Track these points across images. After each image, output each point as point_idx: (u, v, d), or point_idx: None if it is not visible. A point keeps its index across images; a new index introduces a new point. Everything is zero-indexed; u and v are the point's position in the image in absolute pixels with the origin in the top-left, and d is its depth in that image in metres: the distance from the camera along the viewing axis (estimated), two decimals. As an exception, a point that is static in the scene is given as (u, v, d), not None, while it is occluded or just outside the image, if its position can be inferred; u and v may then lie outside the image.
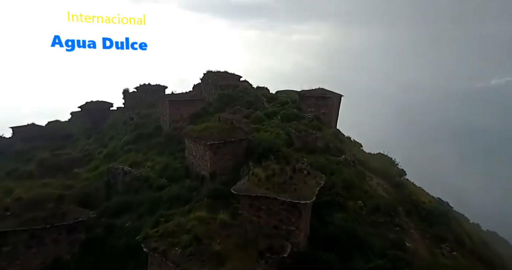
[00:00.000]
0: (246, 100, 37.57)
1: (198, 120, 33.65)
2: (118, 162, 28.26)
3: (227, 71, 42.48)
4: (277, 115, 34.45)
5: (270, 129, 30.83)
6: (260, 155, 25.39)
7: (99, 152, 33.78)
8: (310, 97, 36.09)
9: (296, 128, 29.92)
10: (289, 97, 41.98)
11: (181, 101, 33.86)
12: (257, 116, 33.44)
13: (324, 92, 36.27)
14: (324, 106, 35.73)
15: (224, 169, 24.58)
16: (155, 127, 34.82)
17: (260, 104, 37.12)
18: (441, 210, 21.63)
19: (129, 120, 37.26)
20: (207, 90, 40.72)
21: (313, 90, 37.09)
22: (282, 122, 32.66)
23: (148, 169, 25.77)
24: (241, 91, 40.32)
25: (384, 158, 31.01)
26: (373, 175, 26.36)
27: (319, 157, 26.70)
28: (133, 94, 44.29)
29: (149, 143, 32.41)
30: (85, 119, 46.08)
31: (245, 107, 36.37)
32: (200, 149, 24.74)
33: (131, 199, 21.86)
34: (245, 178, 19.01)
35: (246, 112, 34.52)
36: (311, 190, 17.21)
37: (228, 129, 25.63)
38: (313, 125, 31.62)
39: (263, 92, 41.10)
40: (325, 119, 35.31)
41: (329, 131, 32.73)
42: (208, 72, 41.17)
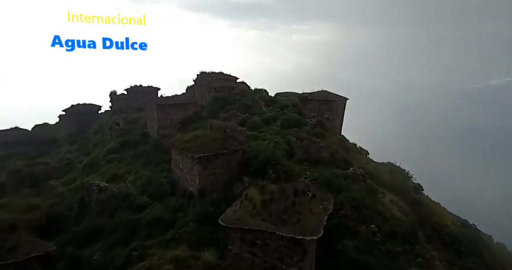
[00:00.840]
0: (243, 104, 34.12)
1: (189, 127, 30.23)
2: (97, 174, 24.86)
3: (222, 72, 39.02)
4: (276, 121, 31.01)
5: (268, 137, 27.39)
6: (257, 168, 22.01)
7: (79, 161, 30.32)
8: (312, 100, 32.63)
9: (298, 136, 26.48)
10: (289, 100, 38.53)
11: (170, 105, 30.40)
12: (254, 122, 30.01)
13: (328, 95, 32.82)
14: (327, 110, 32.26)
15: (215, 185, 21.18)
16: (142, 134, 31.38)
17: (257, 109, 33.67)
18: (470, 236, 18.19)
19: (114, 126, 33.83)
20: (200, 93, 37.27)
21: (315, 93, 33.64)
22: (281, 129, 29.22)
23: (129, 184, 22.31)
24: (238, 94, 36.86)
25: (395, 169, 27.56)
26: (385, 190, 22.92)
27: (324, 169, 23.27)
28: (121, 97, 40.78)
29: (134, 151, 28.98)
30: (70, 123, 42.60)
31: (241, 112, 32.96)
32: (188, 162, 21.31)
33: (105, 223, 18.43)
34: (237, 202, 15.58)
35: (242, 117, 31.10)
36: (317, 220, 13.79)
37: (220, 139, 22.19)
38: (316, 132, 28.17)
39: (261, 95, 37.65)
40: (329, 125, 31.86)
41: (334, 139, 29.29)
42: (201, 73, 37.71)
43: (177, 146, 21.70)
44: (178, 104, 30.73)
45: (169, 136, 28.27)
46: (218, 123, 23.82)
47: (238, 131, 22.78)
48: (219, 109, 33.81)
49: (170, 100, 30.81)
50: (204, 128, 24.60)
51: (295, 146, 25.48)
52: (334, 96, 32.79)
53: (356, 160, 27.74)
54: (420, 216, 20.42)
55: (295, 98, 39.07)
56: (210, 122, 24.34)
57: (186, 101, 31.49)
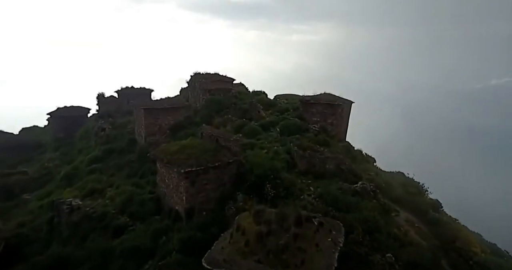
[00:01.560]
0: (239, 107, 31.25)
1: (180, 133, 27.34)
2: (75, 188, 21.99)
3: (218, 73, 36.12)
4: (275, 127, 28.14)
5: (267, 145, 24.53)
6: (253, 183, 19.10)
7: (59, 171, 27.40)
8: (315, 104, 29.72)
9: (299, 145, 23.60)
10: (290, 103, 35.67)
11: (159, 109, 27.50)
12: (251, 128, 27.13)
13: (332, 99, 29.92)
14: (332, 115, 29.36)
15: (204, 203, 18.31)
16: (129, 141, 28.47)
17: (255, 113, 30.78)
18: (504, 267, 15.27)
19: (99, 132, 30.93)
20: (194, 96, 34.39)
21: (318, 96, 30.77)
22: (281, 136, 26.35)
23: (107, 201, 19.39)
24: (234, 97, 33.99)
25: (408, 181, 24.64)
26: (399, 207, 20.03)
27: (329, 183, 20.41)
28: (109, 100, 37.81)
29: (119, 160, 26.10)
30: (56, 127, 39.62)
31: (237, 117, 30.09)
32: (174, 177, 18.42)
33: (72, 251, 15.50)
34: (226, 234, 12.69)
35: (239, 123, 28.22)
36: (326, 261, 10.90)
37: (211, 149, 19.29)
38: (320, 140, 25.27)
39: (259, 98, 34.76)
40: (333, 131, 28.98)
41: (339, 147, 26.39)
42: (195, 74, 34.82)
43: (161, 159, 18.79)
44: (168, 108, 27.83)
45: (158, 143, 25.36)
46: (210, 131, 20.91)
47: (232, 141, 19.87)
48: (214, 114, 30.95)
49: (159, 104, 27.90)
50: (194, 137, 21.68)
51: (297, 155, 22.61)
52: (338, 100, 29.91)
53: (364, 171, 24.86)
54: (442, 239, 17.53)
55: (296, 101, 36.20)
56: (201, 130, 21.44)
57: (176, 105, 28.58)
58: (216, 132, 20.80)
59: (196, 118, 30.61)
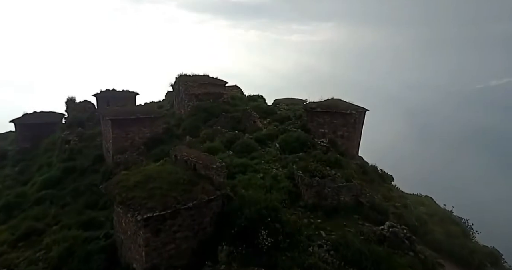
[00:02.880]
0: (231, 116, 25.80)
1: (157, 149, 21.90)
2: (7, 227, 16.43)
3: (207, 75, 30.67)
4: (274, 141, 22.74)
5: (263, 167, 19.12)
6: (243, 228, 13.63)
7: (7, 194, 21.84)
8: (322, 113, 24.31)
9: (305, 168, 18.19)
10: (292, 110, 30.29)
11: (131, 120, 22.03)
12: (244, 143, 21.68)
13: (343, 106, 24.48)
14: (343, 126, 23.97)
15: (175, 258, 12.87)
16: (96, 157, 22.99)
17: (250, 123, 25.34)
18: None
19: (63, 145, 25.43)
20: (178, 102, 28.94)
21: (326, 103, 25.33)
22: (281, 154, 20.94)
23: (39, 253, 13.84)
24: (226, 103, 28.57)
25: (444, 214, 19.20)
26: (441, 258, 14.58)
27: (346, 223, 15.02)
28: (81, 105, 32.20)
29: (79, 183, 20.62)
30: (20, 137, 33.99)
31: (228, 127, 24.67)
32: (131, 222, 12.96)
33: None
34: None
35: (230, 136, 22.78)
36: None
37: (186, 181, 13.82)
38: (330, 159, 19.85)
39: (255, 104, 29.30)
40: (344, 146, 23.59)
41: (353, 167, 20.97)
42: (180, 76, 29.38)
43: (114, 196, 13.30)
44: (143, 118, 22.34)
45: (127, 163, 19.93)
46: (186, 154, 15.43)
47: (215, 168, 14.39)
48: (201, 124, 25.51)
49: (131, 113, 22.35)
50: (168, 160, 16.23)
51: (302, 183, 17.15)
52: (351, 107, 24.46)
53: (387, 199, 19.43)
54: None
55: (299, 107, 30.75)
56: (175, 151, 15.95)
57: (154, 114, 23.07)
58: (194, 155, 15.29)
59: (179, 130, 25.16)
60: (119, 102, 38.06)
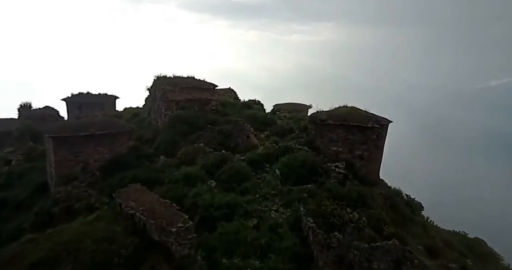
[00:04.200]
0: (220, 130, 20.00)
1: (118, 176, 16.10)
2: None
3: (193, 77, 24.90)
4: (273, 165, 16.94)
5: (257, 208, 13.34)
6: None
7: None
8: (334, 126, 18.48)
9: (316, 212, 12.47)
10: (294, 119, 24.54)
11: (81, 138, 16.18)
12: (234, 169, 15.87)
13: (361, 118, 18.62)
14: (362, 143, 18.15)
15: None
16: (37, 186, 17.09)
17: (243, 138, 19.57)
18: None
19: (1, 166, 19.62)
20: (154, 110, 23.16)
21: (338, 112, 19.46)
22: (283, 185, 15.16)
23: None
24: (215, 112, 22.79)
25: None
26: None
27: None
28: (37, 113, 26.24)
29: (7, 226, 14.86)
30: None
31: (215, 144, 18.90)
32: None
33: None
34: None
35: (215, 157, 16.98)
36: None
37: (123, 258, 8.05)
38: (350, 195, 14.09)
39: (250, 113, 23.48)
40: (363, 170, 17.80)
41: (380, 204, 15.20)
42: (158, 78, 23.57)
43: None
44: (99, 135, 16.50)
45: (70, 199, 14.18)
46: (135, 200, 9.65)
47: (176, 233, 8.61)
48: (180, 139, 19.71)
49: (81, 128, 16.37)
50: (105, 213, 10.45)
51: (314, 239, 11.39)
52: (371, 118, 18.62)
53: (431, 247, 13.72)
54: None
55: (304, 117, 25.07)
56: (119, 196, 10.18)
57: (114, 129, 17.22)
58: (146, 206, 9.51)
59: (150, 149, 19.39)
60: (94, 108, 32.36)
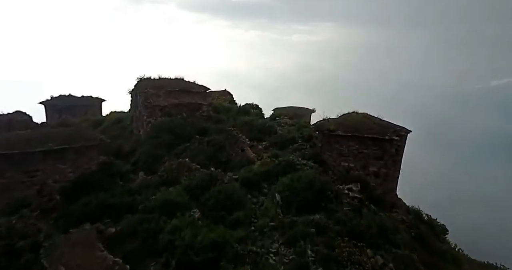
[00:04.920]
0: (210, 141, 16.90)
1: (83, 200, 13.00)
2: None
3: (182, 79, 21.78)
4: (272, 186, 13.85)
5: (252, 250, 10.25)
6: None
7: None
8: (345, 138, 15.42)
9: (329, 256, 9.39)
10: (297, 126, 21.45)
11: (37, 154, 13.07)
12: (224, 193, 12.75)
13: (377, 127, 15.54)
14: (378, 158, 15.10)
15: None
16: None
17: (236, 151, 16.47)
18: None
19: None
20: (136, 117, 20.06)
21: (349, 121, 16.39)
22: (285, 214, 12.07)
23: None
24: (206, 119, 19.71)
25: None
26: None
27: None
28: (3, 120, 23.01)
29: None
30: None
31: (203, 158, 15.82)
32: None
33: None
34: None
35: (202, 177, 13.88)
36: None
37: None
38: (370, 230, 10.99)
39: (247, 120, 20.34)
40: (378, 190, 14.72)
41: (406, 238, 12.12)
42: (141, 80, 20.46)
43: None
44: (59, 150, 13.42)
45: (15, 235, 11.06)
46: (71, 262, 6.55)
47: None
48: (163, 153, 16.61)
49: (36, 141, 13.19)
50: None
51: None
52: (388, 129, 15.53)
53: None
54: None
55: (307, 123, 22.04)
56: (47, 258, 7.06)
57: (80, 143, 14.09)
58: None
59: (129, 162, 16.29)
60: (76, 112, 29.30)
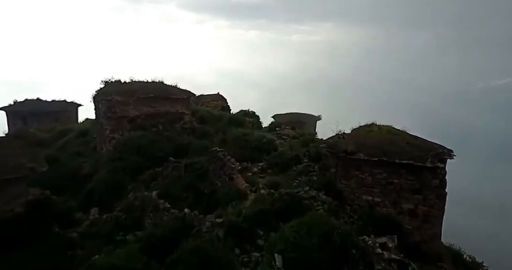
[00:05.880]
0: (187, 165, 12.63)
1: None
2: None
3: (162, 82, 17.49)
4: (269, 235, 9.60)
5: None
6: None
7: None
8: (368, 163, 11.19)
9: None
10: (301, 139, 17.25)
11: None
12: (199, 251, 8.50)
13: (409, 147, 11.28)
14: (415, 191, 10.86)
15: None
16: None
17: (224, 179, 12.24)
18: None
19: None
20: (98, 131, 15.83)
21: (371, 137, 12.15)
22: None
23: None
24: (188, 132, 15.47)
25: None
26: None
27: None
28: None
29: None
30: None
31: (179, 189, 11.61)
32: None
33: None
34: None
35: (170, 224, 9.67)
36: None
37: None
38: None
39: (240, 133, 16.05)
40: (417, 236, 10.49)
41: None
42: (107, 84, 16.19)
43: None
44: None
45: None
46: None
47: None
48: (126, 181, 12.41)
49: None
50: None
51: None
52: (427, 152, 11.28)
53: None
54: None
55: (313, 138, 17.83)
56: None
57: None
58: None
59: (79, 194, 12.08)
60: (44, 119, 25.12)
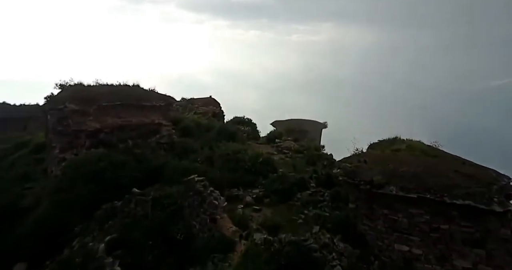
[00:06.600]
0: (155, 199, 9.23)
1: None
2: None
3: (137, 85, 14.04)
4: None
5: None
6: None
7: None
8: (403, 201, 7.87)
9: None
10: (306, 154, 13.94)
11: None
12: None
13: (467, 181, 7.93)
14: (473, 243, 7.51)
15: None
16: None
17: (204, 220, 8.87)
18: None
19: None
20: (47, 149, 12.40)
21: (403, 159, 8.80)
22: None
23: None
24: (165, 147, 12.07)
25: None
26: None
27: None
28: None
29: None
30: None
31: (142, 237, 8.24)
32: None
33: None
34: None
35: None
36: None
37: None
38: None
39: (230, 151, 12.64)
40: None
41: None
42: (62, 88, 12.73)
43: None
44: None
45: None
46: None
47: None
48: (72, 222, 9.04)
49: None
50: None
51: None
52: (486, 184, 7.96)
53: None
54: None
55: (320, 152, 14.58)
56: None
57: None
58: None
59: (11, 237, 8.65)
60: (10, 126, 21.72)
